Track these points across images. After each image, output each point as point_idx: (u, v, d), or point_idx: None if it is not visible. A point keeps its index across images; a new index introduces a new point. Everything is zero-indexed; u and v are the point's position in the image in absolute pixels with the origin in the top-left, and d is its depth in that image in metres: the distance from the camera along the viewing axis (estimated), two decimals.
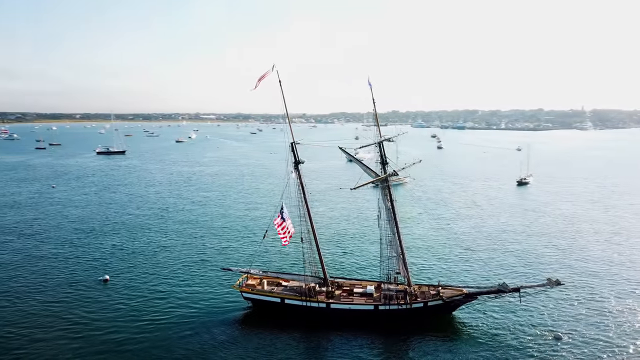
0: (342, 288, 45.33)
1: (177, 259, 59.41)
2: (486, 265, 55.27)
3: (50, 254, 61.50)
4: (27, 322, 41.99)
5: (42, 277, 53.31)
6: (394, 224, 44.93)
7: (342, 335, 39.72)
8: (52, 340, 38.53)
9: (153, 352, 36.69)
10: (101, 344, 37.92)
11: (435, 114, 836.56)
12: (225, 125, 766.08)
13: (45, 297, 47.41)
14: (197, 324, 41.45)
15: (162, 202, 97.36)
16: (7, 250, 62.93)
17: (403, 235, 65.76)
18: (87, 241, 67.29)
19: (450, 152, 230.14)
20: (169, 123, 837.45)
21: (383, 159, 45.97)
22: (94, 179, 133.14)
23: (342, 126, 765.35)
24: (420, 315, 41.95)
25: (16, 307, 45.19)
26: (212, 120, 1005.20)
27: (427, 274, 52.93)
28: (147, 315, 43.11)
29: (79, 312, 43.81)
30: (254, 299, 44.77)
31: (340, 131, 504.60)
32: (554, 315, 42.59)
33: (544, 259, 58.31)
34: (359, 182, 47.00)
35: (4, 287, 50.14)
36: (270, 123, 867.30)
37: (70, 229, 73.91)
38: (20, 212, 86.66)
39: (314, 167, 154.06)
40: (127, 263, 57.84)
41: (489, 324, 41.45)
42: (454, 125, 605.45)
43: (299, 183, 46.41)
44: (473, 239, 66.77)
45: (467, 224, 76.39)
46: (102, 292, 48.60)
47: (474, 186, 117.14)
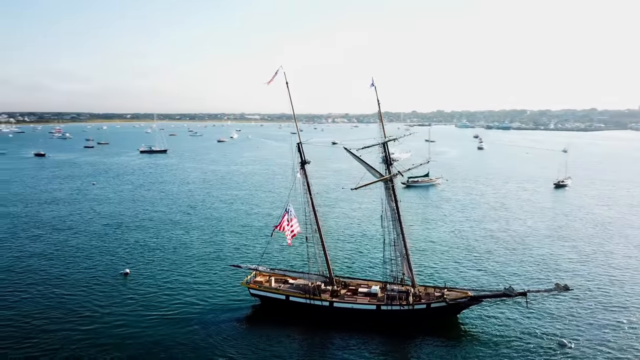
0: (348, 287, 45.41)
1: (194, 255, 60.92)
2: (502, 268, 53.91)
3: (78, 247, 64.36)
4: (46, 310, 44.18)
5: (67, 268, 55.93)
6: (399, 225, 44.45)
7: (344, 334, 39.81)
8: (62, 330, 40.34)
9: (162, 343, 38.14)
10: (114, 334, 39.54)
11: (481, 114, 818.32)
12: (268, 125, 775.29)
13: (67, 288, 49.73)
14: (206, 318, 42.66)
15: (192, 200, 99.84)
16: (39, 243, 66.32)
17: (421, 237, 65.39)
18: (113, 236, 69.97)
19: (491, 153, 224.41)
20: (214, 123, 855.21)
21: (388, 160, 45.38)
22: (132, 177, 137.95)
23: (386, 125, 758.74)
24: (424, 317, 41.44)
25: (38, 296, 47.62)
26: (255, 121, 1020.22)
27: (440, 276, 52.01)
28: (158, 308, 44.62)
29: (95, 303, 45.79)
30: (261, 296, 45.54)
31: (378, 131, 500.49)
32: (561, 322, 41.17)
33: (563, 265, 56.19)
34: (360, 183, 46.62)
35: (31, 277, 52.89)
36: (313, 123, 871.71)
37: (100, 224, 77.00)
38: (57, 208, 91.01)
39: (339, 168, 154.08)
40: (147, 258, 59.78)
41: (493, 327, 40.45)
42: (499, 126, 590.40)
43: (304, 183, 46.70)
44: (493, 242, 65.26)
45: (490, 226, 74.46)
46: (121, 285, 50.56)
47: (507, 188, 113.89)
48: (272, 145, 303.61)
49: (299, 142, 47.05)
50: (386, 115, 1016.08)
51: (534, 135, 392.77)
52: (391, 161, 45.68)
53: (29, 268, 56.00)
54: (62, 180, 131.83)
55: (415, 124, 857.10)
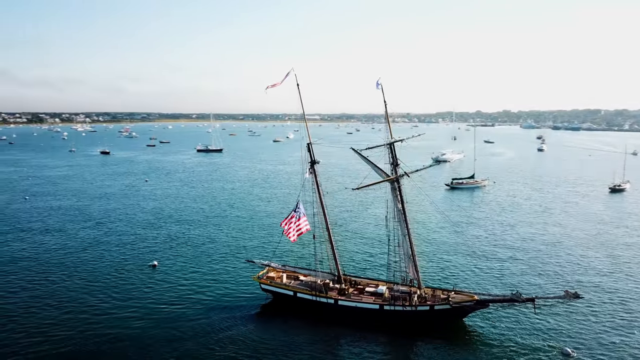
0: (357, 286, 45.51)
1: (219, 250, 62.92)
2: (522, 274, 52.02)
3: (115, 239, 68.13)
4: (78, 296, 47.35)
5: (101, 258, 59.45)
6: (405, 226, 43.89)
7: (347, 332, 40.18)
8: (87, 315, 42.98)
9: (179, 329, 40.39)
10: (133, 323, 41.52)
11: (550, 113, 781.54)
12: (326, 125, 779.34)
13: (98, 277, 52.86)
14: (219, 309, 44.46)
15: (232, 197, 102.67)
16: (81, 234, 70.83)
17: (447, 240, 64.03)
18: (149, 230, 73.47)
19: (551, 155, 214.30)
20: (274, 123, 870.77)
21: (394, 160, 44.93)
22: (183, 175, 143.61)
23: (446, 126, 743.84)
24: (427, 319, 40.83)
25: (71, 282, 50.94)
26: (315, 121, 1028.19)
27: (456, 279, 50.71)
28: (178, 299, 46.78)
29: (121, 291, 48.48)
30: (271, 291, 46.61)
31: (439, 131, 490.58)
32: (569, 330, 39.32)
33: (589, 273, 53.06)
34: (362, 183, 46.39)
35: (67, 265, 56.56)
36: (372, 123, 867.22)
37: (139, 219, 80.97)
38: (106, 202, 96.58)
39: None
40: (175, 251, 62.36)
41: (497, 332, 39.27)
42: (567, 126, 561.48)
43: (314, 182, 47.25)
44: (520, 247, 62.77)
45: (524, 230, 71.49)
46: (148, 276, 53.17)
47: (557, 192, 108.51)
48: (323, 144, 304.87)
49: (308, 143, 47.64)
50: (447, 115, 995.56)
51: (604, 137, 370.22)
52: (397, 162, 45.04)
53: (66, 257, 59.99)
54: (118, 176, 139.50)
55: (478, 124, 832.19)
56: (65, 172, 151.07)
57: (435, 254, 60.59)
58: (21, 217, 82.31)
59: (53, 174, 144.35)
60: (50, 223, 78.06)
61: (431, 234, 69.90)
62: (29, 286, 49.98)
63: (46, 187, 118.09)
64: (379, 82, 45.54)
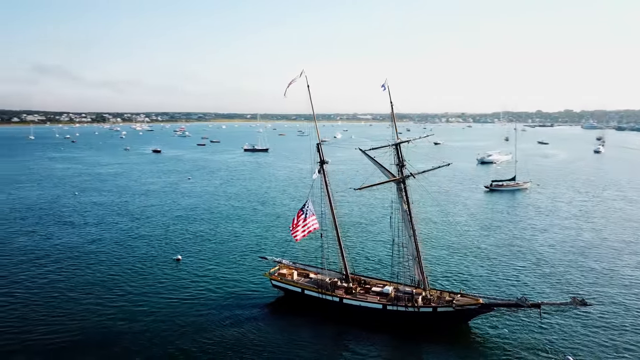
0: (365, 286, 45.64)
1: (240, 246, 64.42)
2: (544, 278, 50.14)
3: (145, 234, 71.06)
4: (95, 287, 49.79)
5: (130, 252, 62.12)
6: (410, 226, 43.45)
7: (350, 331, 40.54)
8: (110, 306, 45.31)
9: (196, 322, 41.81)
10: (153, 315, 43.23)
11: (617, 113, 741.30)
12: (377, 125, 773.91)
13: (125, 269, 55.25)
14: (232, 304, 45.74)
15: (266, 196, 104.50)
16: (113, 229, 74.28)
17: (470, 242, 62.77)
18: (179, 226, 76.12)
19: (608, 157, 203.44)
20: (324, 123, 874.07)
21: (400, 161, 44.58)
22: (224, 173, 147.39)
23: (502, 126, 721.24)
24: (430, 321, 40.43)
25: (99, 274, 53.62)
26: (366, 120, 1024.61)
27: (472, 283, 49.61)
28: (191, 292, 48.42)
29: (145, 284, 50.51)
30: (280, 287, 47.58)
31: (493, 131, 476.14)
32: (574, 339, 37.74)
33: (614, 281, 50.34)
34: (364, 183, 46.28)
35: (94, 258, 59.53)
36: (425, 122, 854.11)
37: (173, 215, 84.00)
38: (145, 199, 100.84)
39: None
40: (199, 246, 64.42)
41: (500, 338, 38.27)
42: (633, 127, 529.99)
43: (323, 181, 47.74)
44: (548, 252, 60.51)
45: (555, 235, 68.60)
46: (171, 270, 55.22)
47: (603, 196, 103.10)
48: (369, 145, 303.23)
49: (318, 143, 48.12)
50: (504, 115, 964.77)
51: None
52: (403, 163, 44.66)
53: (98, 249, 63.37)
54: (163, 174, 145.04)
55: (537, 124, 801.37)
56: (115, 169, 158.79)
57: (454, 256, 59.40)
58: (65, 211, 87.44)
59: (104, 171, 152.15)
60: (90, 217, 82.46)
61: (454, 237, 68.42)
62: (56, 277, 53.08)
63: (94, 183, 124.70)
64: (385, 84, 45.35)
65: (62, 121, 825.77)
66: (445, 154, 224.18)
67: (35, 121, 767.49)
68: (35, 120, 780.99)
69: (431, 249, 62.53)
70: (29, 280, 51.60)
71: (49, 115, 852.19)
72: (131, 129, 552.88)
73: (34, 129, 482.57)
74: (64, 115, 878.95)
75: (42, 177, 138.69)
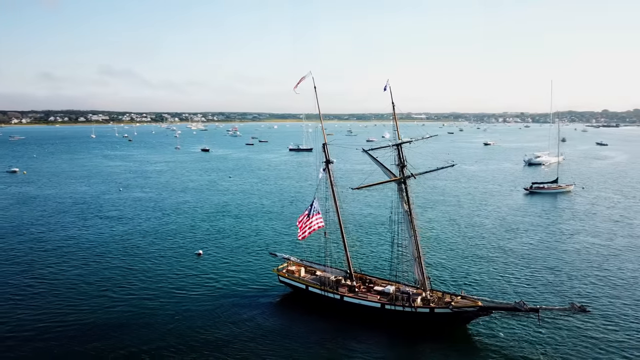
0: (368, 285, 46.02)
1: (260, 242, 66.03)
2: (561, 284, 48.50)
3: (172, 229, 74.02)
4: (126, 279, 52.61)
5: (155, 245, 65.23)
6: (411, 227, 43.24)
7: (349, 328, 40.96)
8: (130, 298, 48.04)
9: (211, 313, 43.71)
10: (170, 307, 45.02)
11: None
12: (430, 125, 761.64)
13: (150, 262, 57.96)
14: (240, 297, 47.41)
15: (296, 194, 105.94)
16: (144, 223, 77.76)
17: (493, 245, 61.52)
18: (207, 222, 78.67)
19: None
20: (375, 123, 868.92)
21: (401, 161, 44.50)
22: (264, 172, 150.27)
23: (563, 126, 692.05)
24: (427, 322, 40.25)
25: (113, 266, 56.59)
26: (420, 120, 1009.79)
27: (490, 287, 48.69)
28: (205, 285, 50.43)
29: (166, 277, 52.80)
30: (286, 283, 48.83)
31: (551, 131, 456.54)
32: (572, 345, 36.52)
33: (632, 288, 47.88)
34: (363, 183, 46.37)
35: (119, 250, 62.72)
36: (481, 122, 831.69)
37: (202, 212, 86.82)
38: (181, 195, 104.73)
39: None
40: (221, 242, 66.46)
41: (497, 342, 37.66)
42: None
43: (328, 181, 48.45)
44: (573, 257, 58.21)
45: (585, 240, 65.69)
46: (192, 263, 57.46)
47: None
48: (416, 144, 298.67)
49: (324, 143, 48.84)
50: (567, 115, 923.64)
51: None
52: (405, 163, 44.50)
53: (125, 242, 66.80)
54: (205, 172, 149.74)
55: (601, 124, 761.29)
56: (161, 167, 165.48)
57: (469, 258, 58.27)
58: (105, 206, 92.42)
59: (150, 169, 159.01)
60: (127, 212, 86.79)
61: (476, 239, 67.05)
62: (82, 267, 56.46)
63: (138, 180, 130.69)
64: (387, 84, 45.41)
65: (124, 121, 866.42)
66: (492, 154, 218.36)
67: (99, 121, 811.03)
68: (100, 120, 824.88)
69: (448, 251, 61.74)
70: (55, 271, 55.14)
71: (112, 115, 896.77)
72: (186, 129, 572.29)
73: (95, 128, 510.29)
74: (126, 115, 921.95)
75: (92, 173, 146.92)
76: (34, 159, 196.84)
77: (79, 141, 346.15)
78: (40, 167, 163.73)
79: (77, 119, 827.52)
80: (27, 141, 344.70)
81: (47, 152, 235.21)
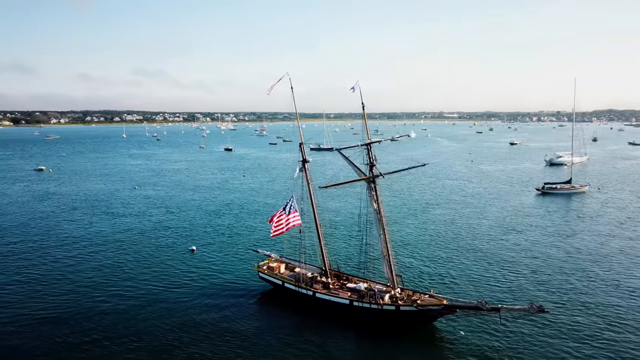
0: (342, 282, 46.72)
1: (251, 239, 67.18)
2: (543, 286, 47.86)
3: (172, 226, 75.93)
4: (105, 271, 54.71)
5: (151, 241, 67.23)
6: (380, 226, 43.58)
7: (320, 324, 41.86)
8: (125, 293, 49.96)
9: (196, 307, 44.95)
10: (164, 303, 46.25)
11: None
12: (460, 124, 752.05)
13: (145, 258, 59.63)
14: (222, 293, 48.46)
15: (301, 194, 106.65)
16: (148, 220, 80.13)
17: (499, 247, 61.16)
18: (206, 219, 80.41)
19: None
20: (404, 122, 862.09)
21: (370, 161, 45.02)
22: (278, 171, 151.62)
23: (601, 125, 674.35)
24: (393, 319, 40.62)
25: (122, 262, 58.28)
26: (449, 119, 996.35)
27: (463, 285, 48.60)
28: (190, 280, 51.88)
29: (159, 272, 54.35)
30: (265, 279, 49.95)
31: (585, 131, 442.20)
32: (533, 345, 36.34)
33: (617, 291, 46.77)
34: (330, 182, 46.87)
35: (119, 245, 64.81)
36: (513, 122, 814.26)
37: (206, 210, 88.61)
38: (190, 194, 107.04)
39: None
40: (216, 239, 67.90)
41: (460, 340, 38.01)
42: None
43: (305, 179, 49.31)
44: (562, 258, 57.27)
45: (581, 241, 64.30)
46: (185, 260, 58.90)
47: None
48: (442, 144, 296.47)
49: (300, 143, 49.90)
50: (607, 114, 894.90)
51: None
52: (374, 162, 45.00)
53: (126, 237, 69.07)
54: (221, 171, 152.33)
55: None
56: (180, 166, 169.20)
57: (455, 258, 57.94)
58: (114, 203, 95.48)
59: (168, 167, 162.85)
60: (133, 209, 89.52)
61: (468, 239, 66.51)
62: (78, 260, 58.84)
63: (154, 178, 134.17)
64: (355, 86, 45.98)
65: (157, 120, 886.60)
66: (515, 154, 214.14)
67: (133, 120, 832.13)
68: (134, 120, 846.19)
69: (437, 250, 61.54)
70: (48, 262, 57.68)
71: (146, 115, 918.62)
72: (216, 128, 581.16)
73: (126, 128, 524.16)
74: (159, 115, 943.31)
75: (113, 171, 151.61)
76: (62, 158, 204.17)
77: (110, 140, 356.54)
78: (66, 166, 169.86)
79: (112, 119, 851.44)
80: (61, 140, 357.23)
81: (76, 151, 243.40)
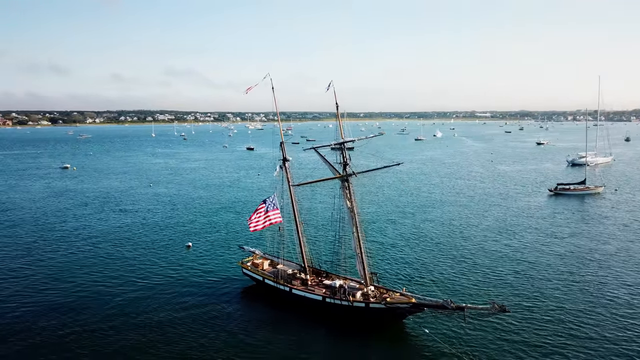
0: (320, 279, 47.45)
1: (244, 236, 68.25)
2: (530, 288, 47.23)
3: (175, 222, 77.85)
4: (100, 264, 56.63)
5: (151, 237, 68.96)
6: (353, 223, 43.99)
7: (295, 319, 42.85)
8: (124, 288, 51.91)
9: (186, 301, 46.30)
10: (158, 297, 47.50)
11: None
12: (491, 124, 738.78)
13: (143, 254, 61.27)
14: (208, 288, 49.74)
15: (309, 192, 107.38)
16: (152, 216, 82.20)
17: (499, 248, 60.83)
18: (209, 216, 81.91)
19: None
20: (434, 121, 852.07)
21: (344, 160, 45.54)
22: (292, 171, 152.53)
23: (638, 125, 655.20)
24: (363, 316, 41.14)
25: (120, 256, 60.15)
26: (483, 118, 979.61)
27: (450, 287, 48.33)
28: (179, 275, 53.21)
29: (154, 266, 56.00)
30: (248, 275, 51.09)
31: (621, 130, 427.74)
32: (489, 342, 36.52)
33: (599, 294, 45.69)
34: (305, 179, 47.48)
35: (120, 240, 66.84)
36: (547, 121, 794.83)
37: (211, 207, 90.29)
38: (200, 191, 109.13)
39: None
40: (211, 236, 69.36)
41: (420, 334, 38.62)
42: None
43: (285, 178, 50.22)
44: (552, 260, 56.25)
45: (576, 243, 62.88)
46: (181, 255, 60.44)
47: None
48: (467, 144, 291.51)
49: (281, 142, 50.80)
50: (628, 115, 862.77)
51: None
52: (347, 161, 45.58)
53: (130, 232, 71.41)
54: (238, 169, 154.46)
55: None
56: (198, 164, 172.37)
57: (447, 259, 57.62)
58: (125, 200, 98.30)
59: (186, 166, 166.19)
60: (142, 205, 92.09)
61: (462, 240, 65.95)
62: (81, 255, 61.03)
63: (170, 176, 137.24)
64: (331, 84, 46.61)
65: (188, 120, 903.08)
66: (539, 154, 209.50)
67: (165, 120, 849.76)
68: (166, 120, 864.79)
69: (423, 251, 61.36)
70: (49, 256, 60.03)
71: (178, 115, 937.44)
72: (244, 128, 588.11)
73: (156, 127, 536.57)
74: (191, 114, 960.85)
75: (133, 169, 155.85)
76: (89, 156, 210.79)
77: (138, 139, 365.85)
78: (90, 164, 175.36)
79: (145, 119, 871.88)
80: (92, 139, 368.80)
81: (103, 150, 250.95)
